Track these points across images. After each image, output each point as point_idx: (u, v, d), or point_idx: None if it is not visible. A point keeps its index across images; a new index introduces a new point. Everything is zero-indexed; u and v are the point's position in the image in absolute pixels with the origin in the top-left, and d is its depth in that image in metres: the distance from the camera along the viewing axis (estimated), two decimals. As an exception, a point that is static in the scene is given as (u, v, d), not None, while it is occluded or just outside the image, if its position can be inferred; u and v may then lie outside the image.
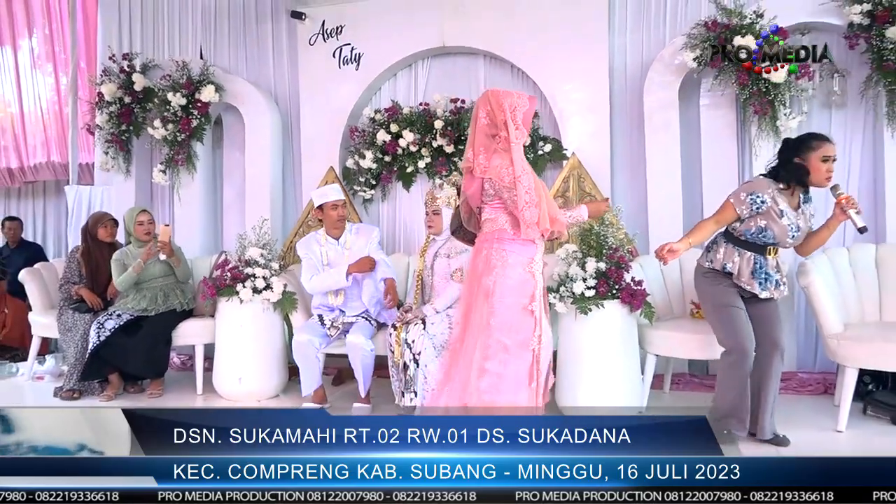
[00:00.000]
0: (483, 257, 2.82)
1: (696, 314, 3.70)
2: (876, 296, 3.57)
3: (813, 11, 3.82)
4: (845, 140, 4.02)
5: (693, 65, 3.87)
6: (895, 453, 2.87)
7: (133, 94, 4.96)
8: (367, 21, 4.68)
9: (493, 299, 2.76)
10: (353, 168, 4.70)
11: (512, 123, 2.72)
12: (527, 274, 2.78)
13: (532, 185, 2.69)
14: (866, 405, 3.41)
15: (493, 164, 2.75)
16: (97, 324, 4.08)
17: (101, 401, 4.09)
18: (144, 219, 4.28)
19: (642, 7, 4.32)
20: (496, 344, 2.76)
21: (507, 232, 2.78)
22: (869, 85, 3.80)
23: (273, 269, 4.04)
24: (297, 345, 3.72)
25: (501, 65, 4.58)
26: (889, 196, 3.84)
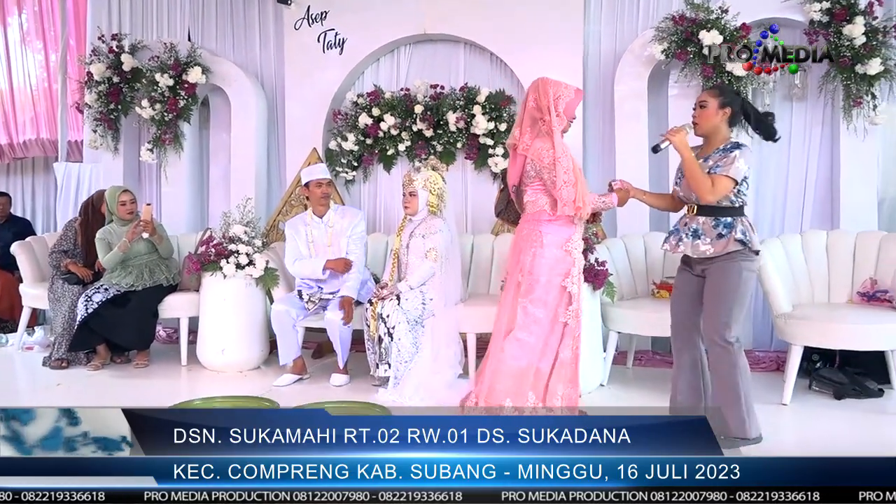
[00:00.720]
0: (524, 236, 3.05)
1: (657, 294, 3.91)
2: (825, 279, 3.78)
3: (776, 8, 4.00)
4: (805, 132, 4.23)
5: (661, 57, 4.05)
6: (835, 433, 3.13)
7: (122, 74, 5.08)
8: (350, 7, 4.82)
9: (529, 277, 2.98)
10: (335, 150, 4.86)
11: (554, 111, 2.91)
12: (563, 252, 2.97)
13: (570, 167, 2.90)
14: (811, 381, 3.63)
15: (535, 145, 2.95)
16: (85, 297, 4.22)
17: (89, 370, 4.25)
18: (127, 199, 4.40)
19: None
20: (528, 317, 2.97)
21: (546, 213, 2.98)
22: (827, 79, 3.99)
23: (256, 246, 4.20)
24: (275, 314, 3.92)
25: (481, 53, 4.73)
26: (844, 185, 4.05)
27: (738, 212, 2.85)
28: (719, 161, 2.81)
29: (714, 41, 3.87)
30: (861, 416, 3.30)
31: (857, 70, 3.80)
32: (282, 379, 3.92)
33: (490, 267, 4.28)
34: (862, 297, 3.64)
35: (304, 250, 4.08)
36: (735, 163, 2.76)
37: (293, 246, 4.08)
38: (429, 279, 3.78)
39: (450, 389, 3.58)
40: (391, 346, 3.66)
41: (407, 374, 3.61)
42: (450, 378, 3.65)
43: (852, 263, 3.74)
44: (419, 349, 3.68)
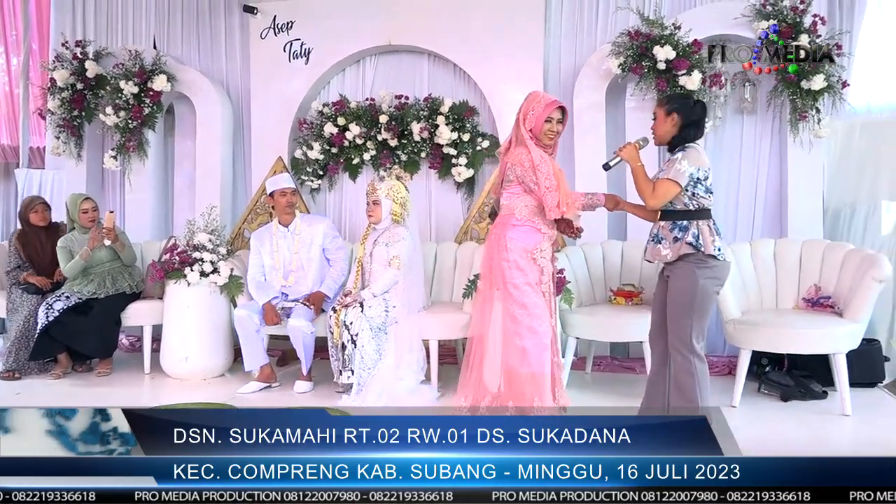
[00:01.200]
0: (492, 241, 3.18)
1: (614, 300, 4.03)
2: (773, 285, 3.94)
3: (726, 25, 4.16)
4: (755, 144, 4.39)
5: (617, 71, 4.18)
6: (782, 431, 3.24)
7: (85, 81, 5.06)
8: (317, 18, 4.88)
9: (504, 286, 3.08)
10: (301, 158, 4.91)
11: (522, 123, 3.10)
12: (527, 261, 3.06)
13: (550, 172, 3.03)
14: (760, 384, 3.78)
15: (514, 150, 3.12)
16: (45, 305, 4.20)
17: (50, 379, 4.22)
18: (88, 206, 4.40)
19: (575, 14, 4.62)
20: (515, 322, 3.05)
21: (513, 217, 3.10)
22: (775, 94, 4.15)
23: (220, 254, 4.23)
24: (238, 319, 3.96)
25: (445, 64, 4.82)
26: (791, 195, 4.22)
27: (695, 215, 2.81)
28: (664, 165, 2.89)
29: (667, 56, 4.01)
30: (805, 417, 3.44)
31: (803, 85, 3.97)
32: (247, 386, 3.95)
33: (453, 275, 4.35)
34: (807, 304, 3.80)
35: (269, 260, 4.13)
36: (676, 165, 2.76)
37: (257, 261, 4.15)
38: (392, 287, 3.85)
39: (412, 395, 3.66)
40: (354, 352, 3.71)
41: (370, 381, 3.67)
42: (412, 384, 3.72)
43: (798, 271, 3.91)
44: (382, 356, 3.74)
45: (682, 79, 4.03)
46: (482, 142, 4.62)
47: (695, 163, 2.78)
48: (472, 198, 4.74)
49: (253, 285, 4.09)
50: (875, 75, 4.35)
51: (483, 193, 4.57)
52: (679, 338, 2.82)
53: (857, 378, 3.60)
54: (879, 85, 4.38)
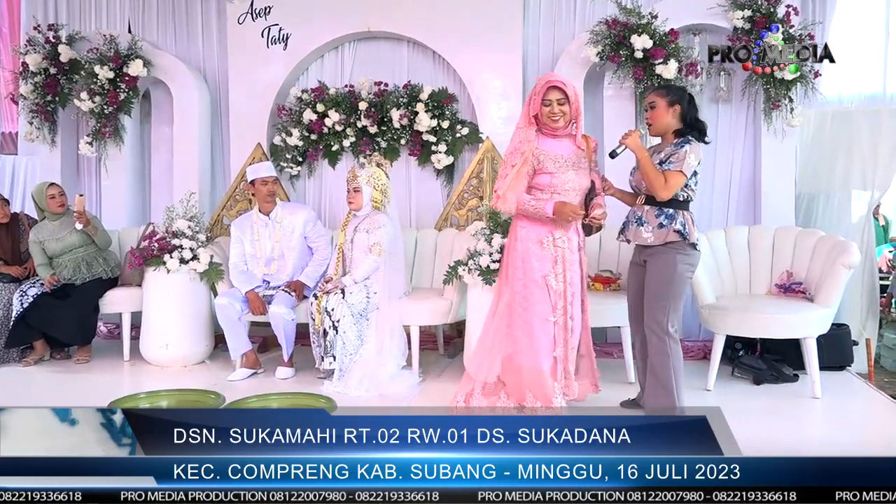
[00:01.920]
0: (511, 228, 3.15)
1: (591, 287, 4.09)
2: (747, 271, 4.03)
3: (702, 15, 4.22)
4: (730, 132, 4.47)
5: (596, 59, 4.22)
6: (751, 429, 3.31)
7: (59, 65, 4.98)
8: (295, 3, 4.85)
9: (508, 271, 3.06)
10: (280, 145, 4.89)
11: (528, 106, 3.04)
12: (538, 249, 2.98)
13: (511, 160, 2.99)
14: (734, 367, 3.87)
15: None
16: (20, 292, 4.16)
17: (22, 367, 4.18)
18: (55, 192, 4.34)
19: (553, 1, 4.64)
20: (514, 314, 3.03)
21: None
22: (749, 83, 4.23)
23: (200, 241, 4.21)
24: (219, 307, 3.95)
25: (424, 51, 4.83)
26: (765, 183, 4.31)
27: (682, 205, 2.95)
28: (671, 156, 2.92)
29: (644, 45, 4.05)
30: (777, 400, 3.53)
31: (776, 75, 4.04)
32: (236, 373, 3.94)
33: (433, 261, 4.38)
34: (779, 289, 3.89)
35: (250, 248, 4.13)
36: (686, 158, 2.87)
37: (238, 249, 4.13)
38: (373, 273, 3.87)
39: (394, 381, 3.69)
40: (336, 339, 3.74)
41: (352, 367, 3.70)
42: (393, 370, 3.75)
43: (771, 257, 4.00)
44: (364, 342, 3.76)
45: (659, 67, 4.09)
46: (462, 129, 4.64)
47: (697, 157, 2.93)
48: (451, 185, 4.77)
49: (235, 273, 4.09)
50: (845, 66, 4.43)
51: (463, 181, 4.60)
52: (656, 321, 2.94)
53: (827, 362, 3.70)
54: (850, 75, 4.47)
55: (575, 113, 3.03)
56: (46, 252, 4.30)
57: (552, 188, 2.99)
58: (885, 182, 4.50)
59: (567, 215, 2.94)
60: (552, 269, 3.00)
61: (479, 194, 4.53)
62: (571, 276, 3.04)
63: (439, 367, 4.18)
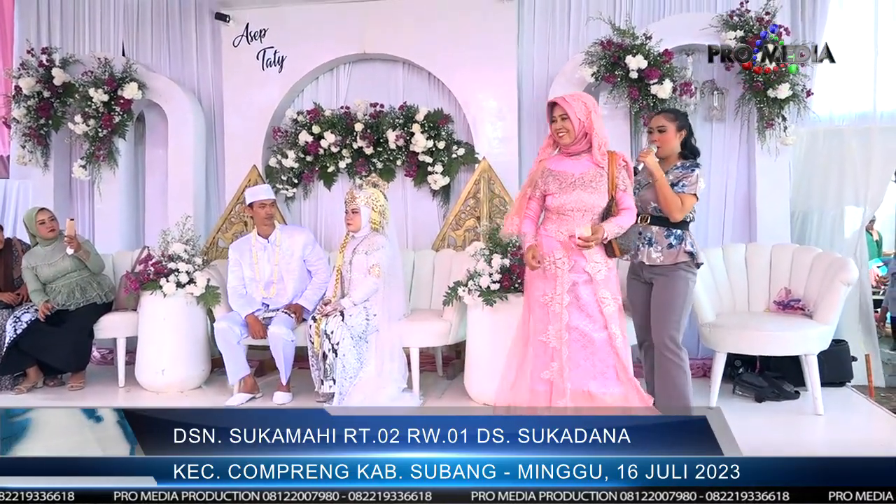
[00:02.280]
0: None
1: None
2: (745, 289, 4.04)
3: (695, 35, 4.27)
4: (724, 151, 4.51)
5: (591, 80, 4.25)
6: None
7: (52, 89, 4.96)
8: (290, 25, 4.86)
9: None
10: (275, 167, 4.87)
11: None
12: (541, 269, 2.98)
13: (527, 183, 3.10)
14: (735, 385, 3.87)
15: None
16: (14, 318, 4.11)
17: (15, 395, 4.11)
18: (45, 217, 4.29)
19: (547, 23, 4.69)
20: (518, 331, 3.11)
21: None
22: (743, 102, 4.27)
23: (196, 264, 4.17)
24: (218, 332, 3.91)
25: (419, 72, 4.85)
26: (760, 201, 4.33)
27: (687, 226, 3.10)
28: (682, 179, 3.05)
29: (639, 65, 4.09)
30: (780, 417, 3.53)
31: (769, 94, 4.09)
32: (234, 399, 3.88)
33: (431, 282, 4.37)
34: (778, 306, 3.90)
35: (248, 272, 4.09)
36: (698, 182, 3.04)
37: (237, 273, 4.10)
38: (372, 295, 3.85)
39: (394, 403, 3.65)
40: (336, 362, 3.70)
41: (352, 390, 3.66)
42: (394, 392, 3.71)
43: (769, 274, 4.02)
44: (364, 364, 3.73)
45: (654, 87, 4.12)
46: (457, 149, 4.65)
47: (703, 180, 3.09)
48: (448, 205, 4.77)
49: (234, 297, 4.05)
50: (836, 85, 4.50)
51: (459, 201, 4.60)
52: (670, 337, 3.02)
53: (827, 378, 3.71)
54: (840, 94, 4.54)
55: (585, 129, 2.97)
56: (39, 278, 4.25)
57: (557, 209, 3.01)
58: (876, 198, 4.56)
59: (527, 260, 2.96)
60: (553, 290, 2.99)
61: (476, 214, 4.53)
62: (572, 300, 2.95)
63: (439, 388, 4.15)
